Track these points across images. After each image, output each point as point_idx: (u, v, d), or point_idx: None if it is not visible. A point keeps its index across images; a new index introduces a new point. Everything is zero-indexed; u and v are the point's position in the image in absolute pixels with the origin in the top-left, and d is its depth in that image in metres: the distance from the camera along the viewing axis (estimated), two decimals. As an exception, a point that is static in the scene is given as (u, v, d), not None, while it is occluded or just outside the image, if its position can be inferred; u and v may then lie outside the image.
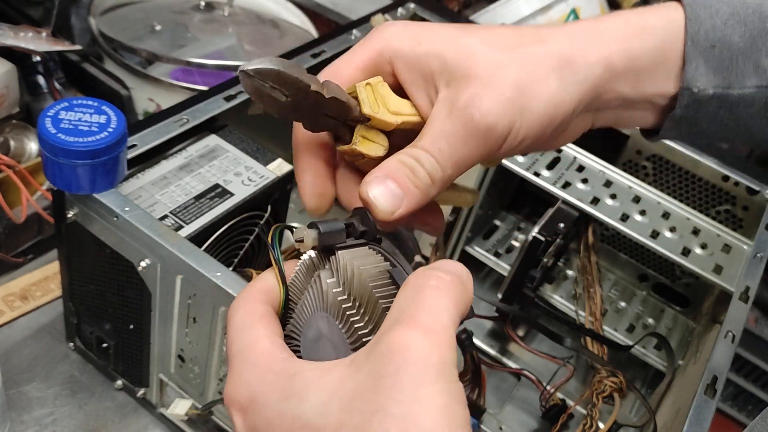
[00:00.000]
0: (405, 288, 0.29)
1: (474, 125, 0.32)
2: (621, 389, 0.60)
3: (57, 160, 0.43)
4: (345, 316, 0.30)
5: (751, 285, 0.57)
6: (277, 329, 0.31)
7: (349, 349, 0.29)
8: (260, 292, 0.33)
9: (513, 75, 0.33)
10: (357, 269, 0.30)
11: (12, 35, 0.69)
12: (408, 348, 0.26)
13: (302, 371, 0.28)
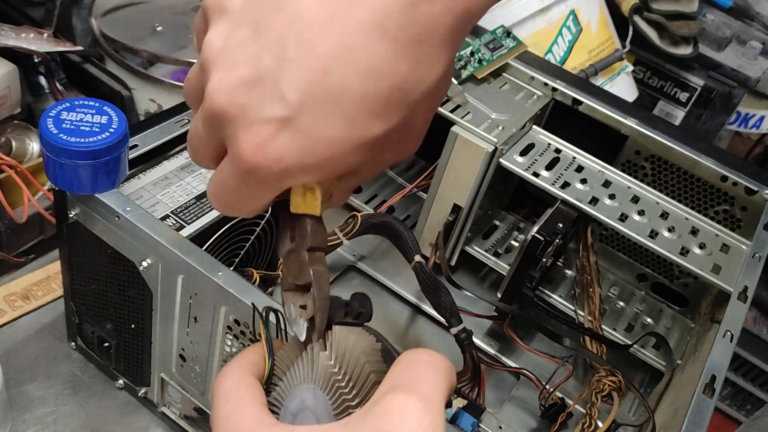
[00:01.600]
0: (399, 362, 0.29)
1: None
2: (620, 388, 0.60)
3: (58, 160, 0.44)
4: (335, 387, 0.31)
5: (750, 285, 0.57)
6: (264, 400, 0.32)
7: (334, 421, 0.31)
8: (248, 364, 0.33)
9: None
10: (352, 344, 0.31)
11: (13, 36, 0.69)
12: (404, 410, 0.27)
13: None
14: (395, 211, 0.75)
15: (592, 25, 0.91)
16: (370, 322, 0.34)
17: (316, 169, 0.29)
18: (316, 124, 0.28)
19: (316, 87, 0.27)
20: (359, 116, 0.28)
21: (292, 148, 0.28)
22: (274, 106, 0.28)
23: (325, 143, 0.28)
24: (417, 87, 0.28)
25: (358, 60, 0.27)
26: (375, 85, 0.27)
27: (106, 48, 0.81)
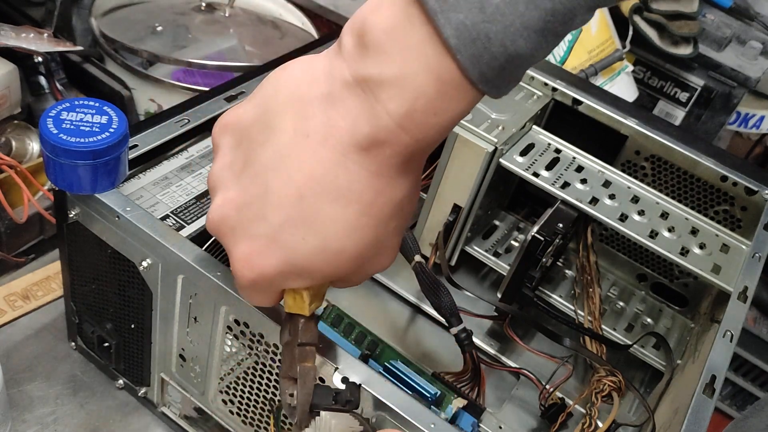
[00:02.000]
0: None
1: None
2: (620, 388, 0.60)
3: (58, 160, 0.44)
4: None
5: (750, 285, 0.57)
6: None
7: None
8: None
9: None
10: (332, 427, 0.36)
11: (14, 36, 0.69)
12: None
13: None
14: (395, 211, 0.74)
15: (592, 25, 0.91)
16: (357, 408, 0.38)
17: (297, 279, 0.34)
18: (293, 241, 0.33)
19: (292, 210, 0.32)
20: (331, 235, 0.33)
21: (274, 262, 0.34)
22: (259, 226, 0.33)
23: (302, 257, 0.33)
24: (382, 211, 0.33)
25: (328, 190, 0.32)
26: (343, 211, 0.32)
27: (106, 48, 0.81)
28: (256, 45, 0.89)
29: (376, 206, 0.33)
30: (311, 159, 0.32)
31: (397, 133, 0.31)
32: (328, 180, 0.32)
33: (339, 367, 0.41)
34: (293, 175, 0.32)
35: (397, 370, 0.52)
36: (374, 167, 0.32)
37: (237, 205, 0.34)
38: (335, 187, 0.32)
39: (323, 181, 0.32)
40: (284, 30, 0.93)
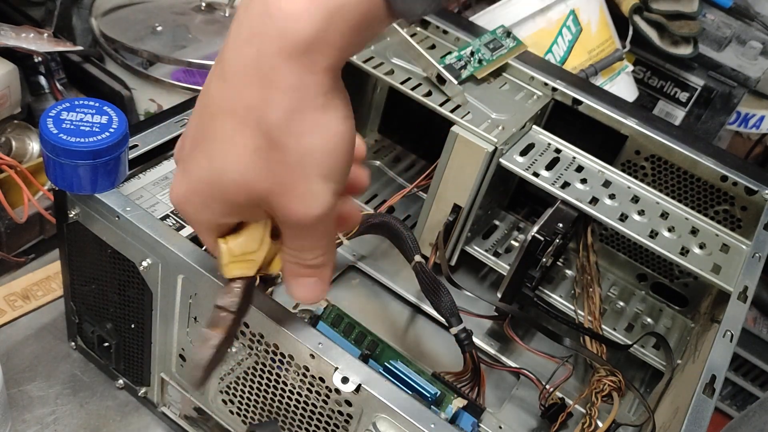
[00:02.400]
0: None
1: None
2: (620, 388, 0.60)
3: (58, 160, 0.44)
4: None
5: (750, 285, 0.57)
6: None
7: None
8: None
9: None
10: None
11: (14, 36, 0.69)
12: None
13: None
14: (395, 211, 0.75)
15: (592, 25, 0.91)
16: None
17: (203, 209, 0.34)
18: (191, 165, 0.33)
19: (195, 132, 0.33)
20: (218, 157, 0.32)
21: (181, 189, 0.34)
22: (182, 158, 0.35)
23: (195, 180, 0.33)
24: (288, 143, 0.31)
25: (222, 109, 0.32)
26: (233, 131, 0.31)
27: (106, 48, 0.81)
28: (256, 45, 0.89)
29: (277, 131, 0.30)
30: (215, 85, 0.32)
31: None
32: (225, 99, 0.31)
33: (339, 367, 0.41)
34: (201, 98, 0.33)
35: (397, 370, 0.52)
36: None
37: (178, 148, 0.36)
38: (231, 106, 0.31)
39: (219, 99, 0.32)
40: (284, 30, 0.93)
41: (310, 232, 0.33)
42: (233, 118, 0.31)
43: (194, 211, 0.34)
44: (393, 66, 0.67)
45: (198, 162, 0.33)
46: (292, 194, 0.31)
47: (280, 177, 0.31)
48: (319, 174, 0.31)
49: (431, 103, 0.64)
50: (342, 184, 0.32)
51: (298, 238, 0.34)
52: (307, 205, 0.31)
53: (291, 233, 0.34)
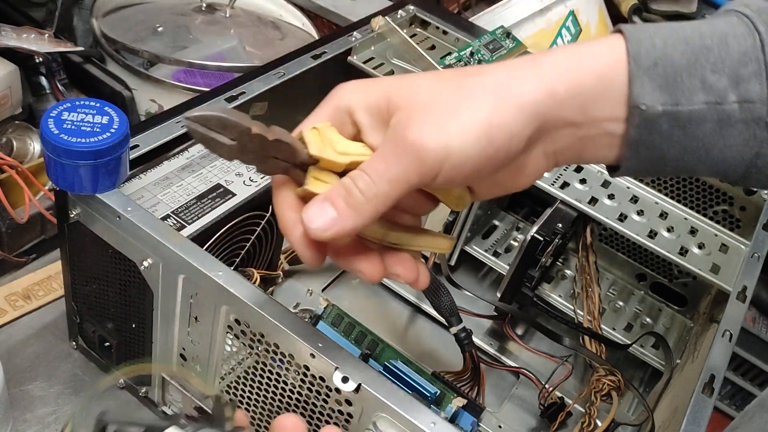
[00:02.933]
0: None
1: (405, 143, 0.33)
2: (619, 388, 0.60)
3: (59, 160, 0.44)
4: None
5: (749, 284, 0.57)
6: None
7: None
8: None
9: (448, 98, 0.34)
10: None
11: (15, 36, 0.69)
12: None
13: None
14: (395, 211, 0.75)
15: (591, 25, 0.91)
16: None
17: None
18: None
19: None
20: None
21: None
22: None
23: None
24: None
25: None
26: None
27: (107, 48, 0.81)
28: (256, 45, 0.89)
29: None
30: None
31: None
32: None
33: (339, 366, 0.41)
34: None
35: (397, 369, 0.52)
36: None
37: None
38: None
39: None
40: (284, 30, 0.94)
41: (402, 164, 0.34)
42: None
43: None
44: (393, 67, 0.67)
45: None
46: (434, 119, 0.33)
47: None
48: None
49: (431, 104, 0.64)
50: (451, 179, 0.34)
51: (384, 161, 0.34)
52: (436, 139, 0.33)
53: (386, 152, 0.34)
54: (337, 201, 0.34)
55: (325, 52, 0.65)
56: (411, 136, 0.33)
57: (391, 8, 0.74)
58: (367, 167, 0.34)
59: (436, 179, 0.33)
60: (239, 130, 0.34)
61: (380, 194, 0.34)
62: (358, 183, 0.34)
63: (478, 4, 1.08)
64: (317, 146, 0.35)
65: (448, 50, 0.72)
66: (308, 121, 0.37)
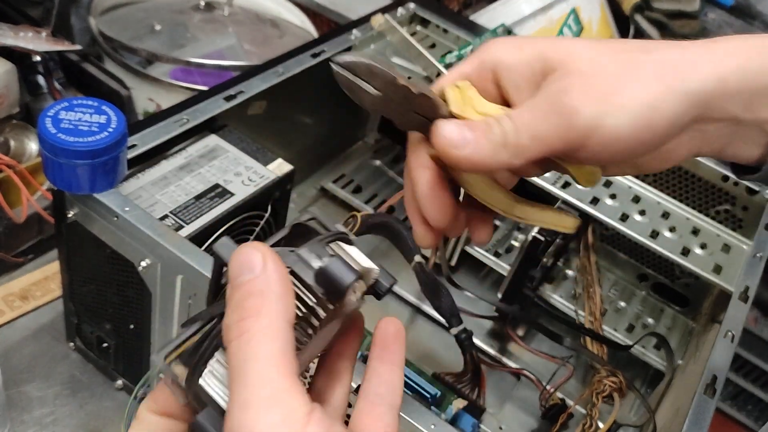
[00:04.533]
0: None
1: (560, 104, 0.32)
2: (620, 389, 0.60)
3: (57, 160, 0.43)
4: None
5: (751, 285, 0.57)
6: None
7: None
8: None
9: (612, 71, 0.32)
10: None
11: (12, 35, 0.69)
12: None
13: None
14: (395, 211, 0.74)
15: (593, 23, 0.91)
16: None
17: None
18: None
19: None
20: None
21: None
22: None
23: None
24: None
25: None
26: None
27: (105, 47, 0.80)
28: (255, 44, 0.89)
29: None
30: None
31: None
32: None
33: (339, 368, 0.41)
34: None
35: (398, 370, 0.51)
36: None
37: None
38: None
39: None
40: (283, 29, 0.93)
41: (550, 124, 0.33)
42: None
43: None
44: (393, 65, 0.67)
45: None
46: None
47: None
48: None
49: (431, 103, 0.63)
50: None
51: (532, 115, 0.33)
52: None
53: (536, 108, 0.33)
54: (476, 130, 0.33)
55: (324, 51, 0.65)
56: (566, 99, 0.32)
57: (391, 6, 0.74)
58: (514, 115, 0.33)
59: (579, 151, 0.32)
60: (386, 80, 0.34)
61: (519, 145, 0.32)
62: (503, 124, 0.33)
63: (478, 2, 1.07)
64: (458, 104, 0.35)
65: (449, 49, 0.71)
66: (451, 74, 0.37)
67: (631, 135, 0.32)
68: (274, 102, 0.63)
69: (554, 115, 0.32)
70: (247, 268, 0.26)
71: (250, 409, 0.24)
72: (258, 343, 0.25)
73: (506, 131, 0.32)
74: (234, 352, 0.25)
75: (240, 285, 0.26)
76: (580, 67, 0.32)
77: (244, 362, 0.25)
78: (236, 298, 0.26)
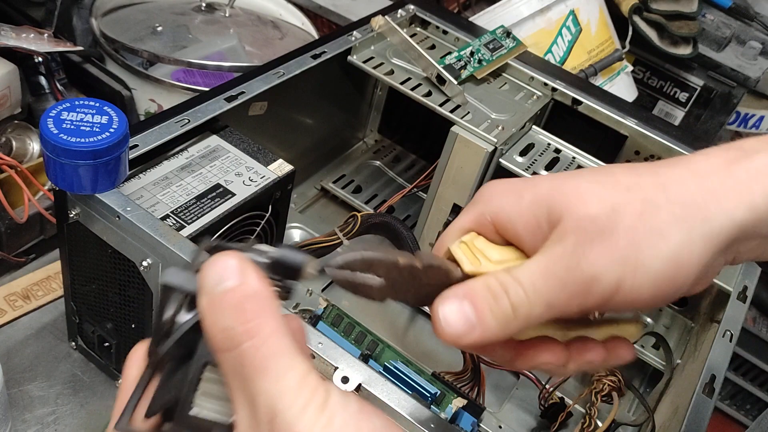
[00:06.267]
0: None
1: (578, 272, 0.29)
2: (619, 388, 0.60)
3: (59, 160, 0.44)
4: None
5: (749, 285, 0.57)
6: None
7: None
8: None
9: (628, 223, 0.29)
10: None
11: (14, 36, 0.69)
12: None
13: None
14: (395, 211, 0.75)
15: (591, 25, 0.91)
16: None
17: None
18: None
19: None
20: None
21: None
22: None
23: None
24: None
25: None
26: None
27: (107, 48, 0.81)
28: (256, 45, 0.89)
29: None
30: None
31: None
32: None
33: (339, 366, 0.41)
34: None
35: (397, 369, 0.52)
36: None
37: None
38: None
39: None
40: (284, 30, 0.93)
41: (567, 292, 0.30)
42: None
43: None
44: (393, 66, 0.67)
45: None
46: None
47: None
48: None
49: (431, 104, 0.64)
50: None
51: (545, 281, 0.30)
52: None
53: (549, 272, 0.30)
54: (480, 306, 0.30)
55: (324, 52, 0.65)
56: (584, 264, 0.29)
57: (391, 8, 0.74)
58: (525, 279, 0.30)
59: (599, 308, 0.30)
60: (386, 266, 0.31)
61: (532, 316, 0.30)
62: (511, 295, 0.30)
63: (477, 4, 1.08)
64: (471, 262, 0.32)
65: (448, 50, 0.72)
66: (452, 230, 0.34)
67: (652, 292, 0.29)
68: (275, 103, 0.63)
69: (571, 283, 0.29)
70: (228, 275, 0.26)
71: (284, 397, 0.25)
72: (277, 340, 0.25)
73: (516, 303, 0.30)
74: (248, 355, 0.25)
75: (225, 292, 0.26)
76: (593, 214, 0.29)
77: (265, 360, 0.25)
78: (229, 304, 0.26)
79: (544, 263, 0.30)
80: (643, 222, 0.29)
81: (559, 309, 0.30)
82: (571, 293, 0.29)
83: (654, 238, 0.29)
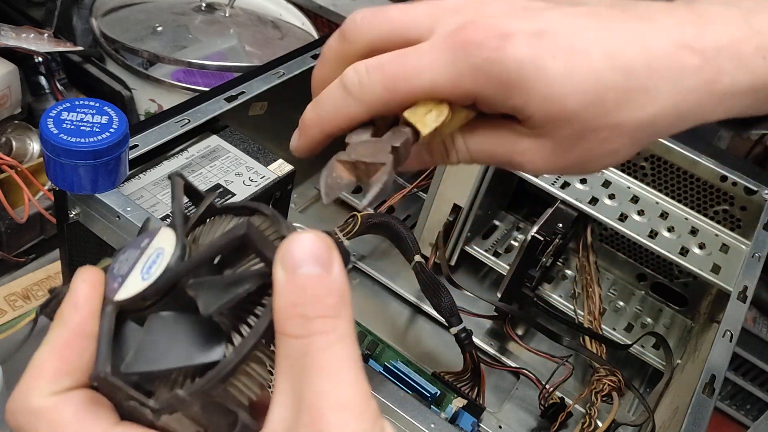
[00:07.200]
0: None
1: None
2: (619, 388, 0.60)
3: (59, 160, 0.44)
4: None
5: (749, 284, 0.57)
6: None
7: None
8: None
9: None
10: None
11: (14, 36, 0.69)
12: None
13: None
14: (395, 211, 0.75)
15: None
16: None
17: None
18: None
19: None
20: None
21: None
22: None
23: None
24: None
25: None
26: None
27: (107, 48, 0.81)
28: (256, 45, 0.89)
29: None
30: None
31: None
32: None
33: (339, 366, 0.41)
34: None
35: (397, 369, 0.52)
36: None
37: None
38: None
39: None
40: (284, 30, 0.93)
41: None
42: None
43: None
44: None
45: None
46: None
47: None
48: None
49: (431, 103, 0.63)
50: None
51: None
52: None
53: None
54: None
55: (325, 52, 0.65)
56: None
57: (391, 8, 0.74)
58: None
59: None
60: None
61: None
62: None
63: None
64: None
65: (448, 50, 0.72)
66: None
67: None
68: (275, 103, 0.63)
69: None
70: (320, 262, 0.24)
71: (342, 412, 0.23)
72: (349, 346, 0.23)
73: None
74: (317, 346, 0.23)
75: (310, 277, 0.24)
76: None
77: (333, 360, 0.23)
78: (312, 290, 0.24)
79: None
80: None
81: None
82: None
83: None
